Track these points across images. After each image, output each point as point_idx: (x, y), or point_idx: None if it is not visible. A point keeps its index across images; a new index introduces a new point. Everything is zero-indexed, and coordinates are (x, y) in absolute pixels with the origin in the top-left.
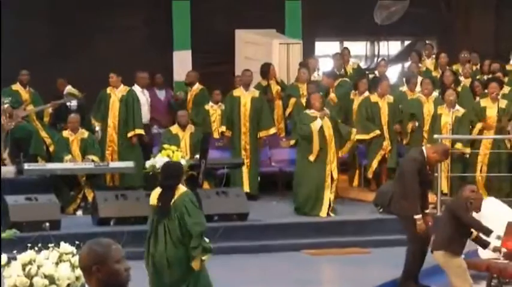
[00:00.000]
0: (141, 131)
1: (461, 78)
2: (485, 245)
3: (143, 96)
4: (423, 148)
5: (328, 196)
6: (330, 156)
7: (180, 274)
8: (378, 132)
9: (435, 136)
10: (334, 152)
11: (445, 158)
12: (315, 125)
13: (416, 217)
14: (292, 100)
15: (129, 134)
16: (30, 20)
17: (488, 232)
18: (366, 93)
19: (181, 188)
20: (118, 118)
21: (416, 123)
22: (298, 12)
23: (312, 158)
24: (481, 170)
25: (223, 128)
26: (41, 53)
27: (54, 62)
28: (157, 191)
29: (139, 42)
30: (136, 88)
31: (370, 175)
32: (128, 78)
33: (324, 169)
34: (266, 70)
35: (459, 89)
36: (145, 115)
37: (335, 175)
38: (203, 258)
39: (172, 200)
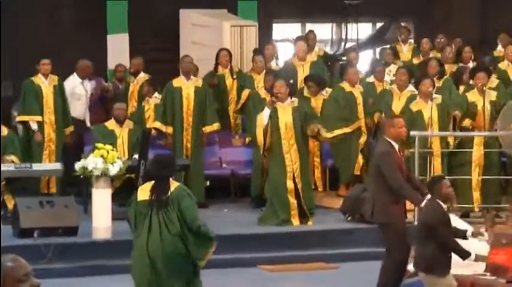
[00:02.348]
0: (69, 129)
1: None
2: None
3: (83, 89)
4: (384, 137)
5: (294, 201)
6: (291, 154)
7: (176, 266)
8: (359, 124)
9: (412, 133)
10: (295, 149)
11: (399, 121)
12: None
13: (422, 205)
14: (246, 92)
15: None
16: None
17: (466, 254)
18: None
19: (175, 182)
20: (54, 113)
21: (383, 115)
22: None
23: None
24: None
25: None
26: None
27: None
28: (147, 185)
29: (68, 25)
30: (76, 79)
31: (357, 172)
32: (54, 66)
33: (283, 168)
34: (216, 57)
35: (441, 80)
36: (82, 110)
37: (297, 178)
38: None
39: (169, 192)
